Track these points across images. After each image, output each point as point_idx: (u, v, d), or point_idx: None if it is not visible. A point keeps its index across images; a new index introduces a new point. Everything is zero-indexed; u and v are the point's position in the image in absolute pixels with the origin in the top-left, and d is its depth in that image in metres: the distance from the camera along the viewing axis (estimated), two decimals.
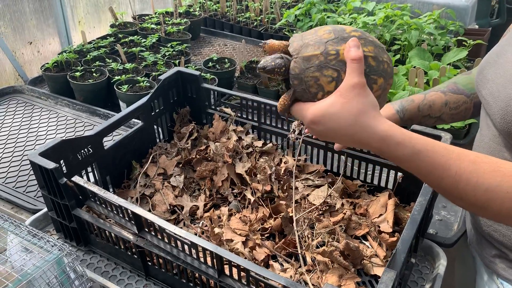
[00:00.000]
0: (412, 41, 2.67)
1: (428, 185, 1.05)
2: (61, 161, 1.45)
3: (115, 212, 1.35)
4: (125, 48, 2.75)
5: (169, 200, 1.63)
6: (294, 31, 3.17)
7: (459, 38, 2.81)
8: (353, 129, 0.89)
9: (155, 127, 1.84)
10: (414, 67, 2.44)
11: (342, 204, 1.58)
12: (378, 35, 2.88)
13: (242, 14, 3.49)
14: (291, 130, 1.65)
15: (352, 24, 2.97)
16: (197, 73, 1.84)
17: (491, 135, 1.20)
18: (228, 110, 1.83)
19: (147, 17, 3.29)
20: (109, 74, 2.45)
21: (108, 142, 1.69)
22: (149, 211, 1.59)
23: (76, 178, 1.37)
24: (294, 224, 1.46)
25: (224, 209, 1.58)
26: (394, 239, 1.44)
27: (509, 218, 0.85)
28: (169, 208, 1.60)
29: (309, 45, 0.97)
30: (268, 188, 1.61)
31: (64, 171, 1.46)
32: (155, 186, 1.68)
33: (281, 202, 1.55)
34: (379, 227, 1.49)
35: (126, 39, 2.86)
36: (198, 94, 1.88)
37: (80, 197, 1.43)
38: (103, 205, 1.38)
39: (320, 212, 1.54)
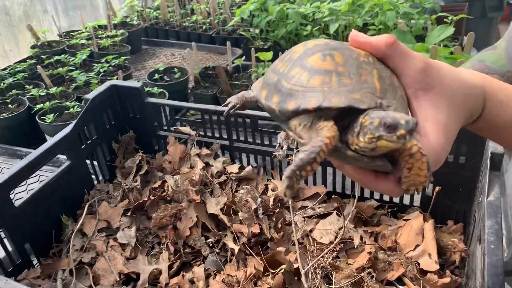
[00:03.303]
0: (390, 23, 2.30)
1: None
2: None
3: None
4: (50, 70, 2.24)
5: (118, 266, 1.14)
6: (250, 30, 2.75)
7: (439, 15, 2.47)
8: (467, 103, 0.66)
9: (89, 164, 1.35)
10: None
11: (361, 238, 1.14)
12: (347, 22, 2.50)
13: (188, 18, 3.04)
14: (277, 145, 1.21)
15: (315, 13, 2.58)
16: (138, 84, 1.37)
17: None
18: (186, 129, 1.37)
19: (76, 33, 2.79)
20: (30, 104, 1.93)
21: (31, 191, 1.20)
22: (91, 287, 1.10)
23: None
24: (303, 279, 1.01)
25: (199, 270, 1.10)
26: (446, 280, 1.01)
27: None
28: (118, 278, 1.11)
29: (357, 75, 0.59)
30: (256, 229, 1.15)
31: None
32: (97, 248, 1.19)
33: (278, 249, 1.09)
34: (418, 264, 1.06)
35: (51, 60, 2.34)
36: (142, 113, 1.41)
37: None
38: None
39: (335, 253, 1.09)
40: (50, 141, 1.22)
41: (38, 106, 1.85)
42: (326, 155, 0.55)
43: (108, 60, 2.28)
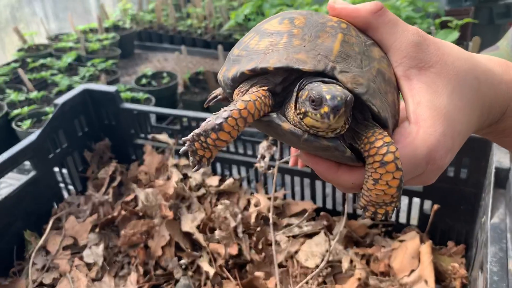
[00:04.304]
0: None
1: None
2: None
3: None
4: (35, 74, 2.14)
5: None
6: None
7: (443, 19, 2.35)
8: (481, 90, 0.51)
9: (58, 174, 1.24)
10: None
11: (351, 261, 1.02)
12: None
13: (183, 22, 2.95)
14: (259, 156, 1.10)
15: None
16: (113, 89, 1.26)
17: None
18: (164, 137, 1.26)
19: (65, 36, 2.70)
20: (9, 109, 1.83)
21: None
22: None
23: None
24: None
25: None
26: None
27: None
28: None
29: (314, 38, 0.48)
30: (234, 250, 1.04)
31: None
32: (60, 267, 1.08)
33: (256, 273, 0.98)
34: None
35: (36, 63, 2.25)
36: (118, 120, 1.30)
37: None
38: None
39: (320, 279, 0.98)
40: (12, 149, 1.11)
41: (15, 112, 1.75)
42: (240, 124, 0.45)
43: (94, 64, 2.18)
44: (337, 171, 0.48)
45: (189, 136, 0.46)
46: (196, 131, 0.45)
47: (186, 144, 0.46)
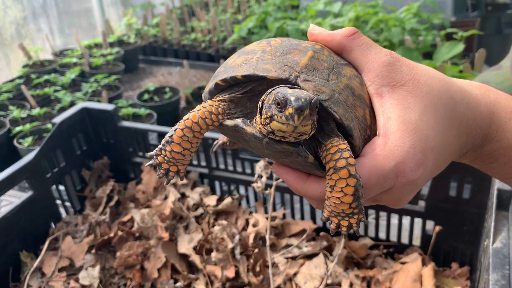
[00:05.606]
0: (395, 40, 2.17)
1: None
2: None
3: None
4: (38, 91, 2.15)
5: None
6: None
7: (448, 31, 2.33)
8: (457, 110, 0.51)
9: (57, 193, 1.23)
10: None
11: (351, 284, 0.99)
12: None
13: (187, 36, 2.95)
14: (256, 176, 1.08)
15: None
16: (111, 107, 1.25)
17: None
18: None
19: (70, 51, 2.71)
20: (11, 126, 1.84)
21: None
22: None
23: None
24: None
25: None
26: None
27: None
28: None
29: (285, 54, 0.52)
30: (231, 272, 1.01)
31: None
32: None
33: None
34: None
35: (40, 79, 2.26)
36: (117, 138, 1.29)
37: None
38: None
39: None
40: (9, 169, 1.10)
41: (17, 129, 1.75)
42: (188, 134, 0.49)
43: (97, 79, 2.18)
44: (306, 181, 0.49)
45: (153, 151, 0.50)
46: (159, 146, 0.50)
47: (152, 160, 0.51)
